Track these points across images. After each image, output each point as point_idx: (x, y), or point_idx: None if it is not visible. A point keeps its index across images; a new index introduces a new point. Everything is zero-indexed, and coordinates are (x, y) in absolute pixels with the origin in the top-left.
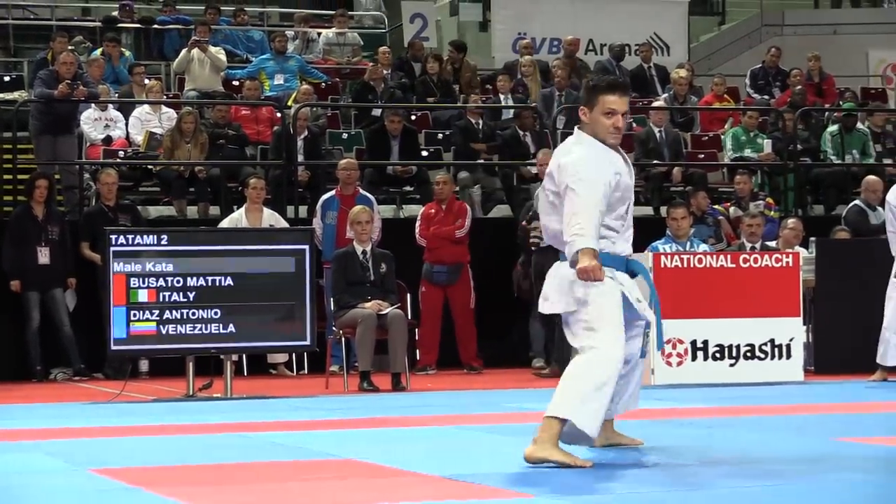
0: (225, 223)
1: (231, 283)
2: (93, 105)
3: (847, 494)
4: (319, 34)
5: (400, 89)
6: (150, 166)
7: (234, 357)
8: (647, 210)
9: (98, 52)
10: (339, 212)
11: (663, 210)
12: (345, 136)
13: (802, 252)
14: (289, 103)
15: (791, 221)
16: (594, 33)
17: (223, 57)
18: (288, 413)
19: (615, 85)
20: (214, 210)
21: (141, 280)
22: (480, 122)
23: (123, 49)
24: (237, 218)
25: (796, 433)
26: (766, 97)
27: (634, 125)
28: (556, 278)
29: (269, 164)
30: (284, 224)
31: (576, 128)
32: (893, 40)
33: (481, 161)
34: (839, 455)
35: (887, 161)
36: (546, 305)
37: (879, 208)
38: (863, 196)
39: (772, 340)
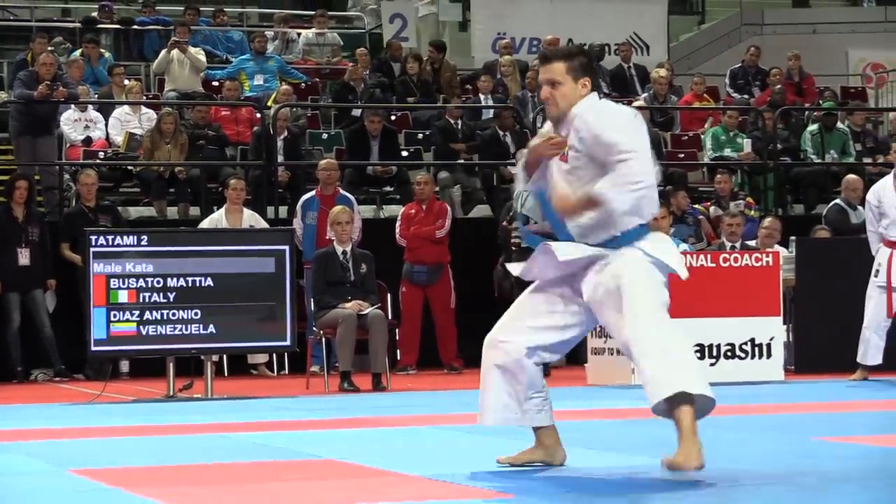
0: (205, 224)
1: (211, 283)
2: (73, 106)
3: (827, 494)
4: (299, 34)
5: (380, 89)
6: (130, 167)
7: (215, 358)
8: None
9: (77, 53)
10: (320, 212)
11: None
12: (325, 136)
13: (782, 251)
14: (269, 104)
15: (767, 221)
16: (574, 33)
17: (203, 58)
18: (269, 413)
19: (540, 56)
20: (195, 211)
21: (121, 281)
22: (460, 122)
23: (103, 50)
24: (217, 218)
25: (777, 433)
26: (745, 96)
27: None
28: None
29: (250, 164)
30: (264, 225)
31: None
32: (873, 39)
33: (461, 161)
34: (819, 454)
35: (867, 160)
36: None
37: (860, 207)
38: (843, 195)
39: (752, 340)
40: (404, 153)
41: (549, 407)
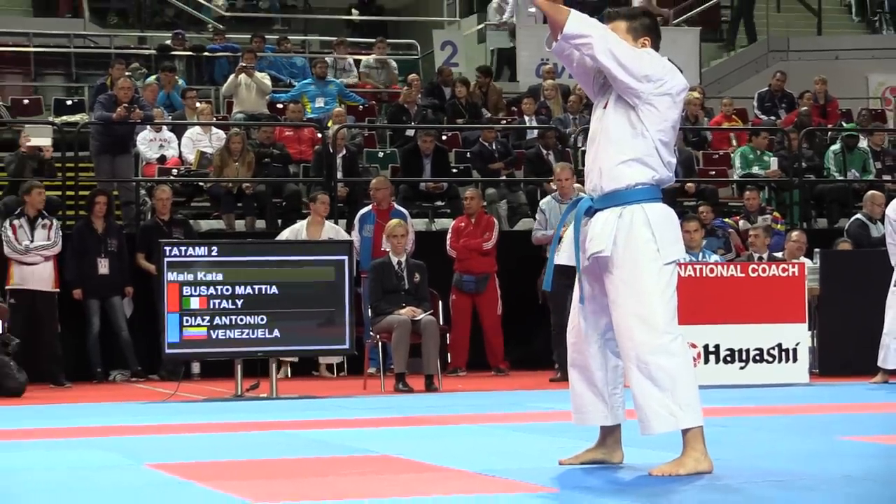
0: (286, 234)
1: (276, 291)
2: (148, 127)
3: (853, 491)
4: (358, 61)
5: (431, 111)
6: (200, 183)
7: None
8: None
9: (153, 78)
10: (376, 225)
11: None
12: (381, 154)
13: (807, 262)
14: (329, 124)
15: (795, 234)
16: None
17: (268, 82)
18: (329, 412)
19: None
20: (260, 223)
21: (193, 288)
22: (494, 143)
23: (177, 77)
24: (298, 229)
25: (803, 432)
26: (772, 118)
27: None
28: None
29: (311, 180)
30: (345, 236)
31: None
32: (891, 64)
33: (507, 178)
34: (844, 453)
35: (886, 177)
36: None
37: (879, 222)
38: (865, 210)
39: (779, 345)
40: (454, 170)
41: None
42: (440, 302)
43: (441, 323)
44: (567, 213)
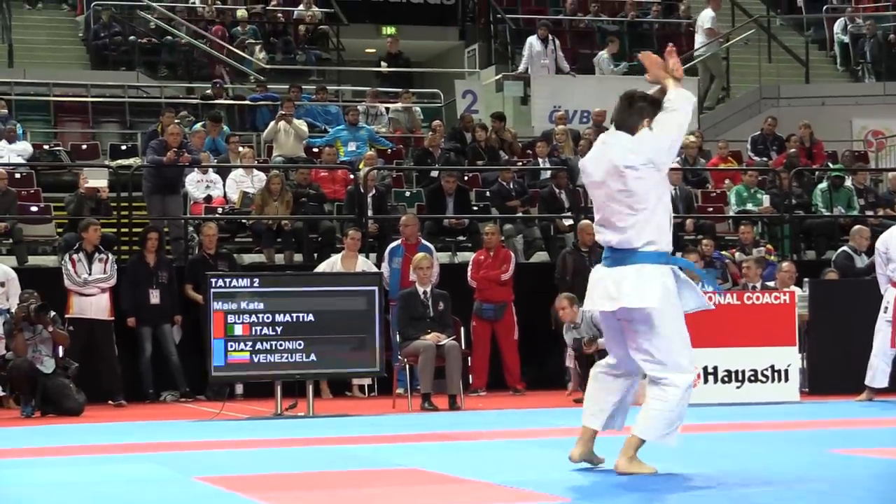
0: (323, 266)
1: (312, 318)
2: (196, 169)
3: (841, 500)
4: (387, 109)
5: (454, 153)
6: (243, 220)
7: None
8: None
9: (200, 125)
10: (404, 258)
11: (679, 255)
12: (407, 194)
13: (797, 291)
14: (360, 166)
15: (785, 265)
16: None
17: (305, 128)
18: (361, 429)
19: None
20: (298, 257)
21: (236, 317)
22: (512, 183)
23: (222, 124)
24: (333, 262)
25: (796, 445)
26: (764, 159)
27: None
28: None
29: (344, 218)
30: (375, 269)
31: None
32: (873, 110)
33: (524, 215)
34: (833, 464)
35: (869, 213)
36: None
37: (864, 254)
38: (851, 242)
39: (772, 366)
40: (475, 208)
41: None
42: (462, 328)
43: (463, 347)
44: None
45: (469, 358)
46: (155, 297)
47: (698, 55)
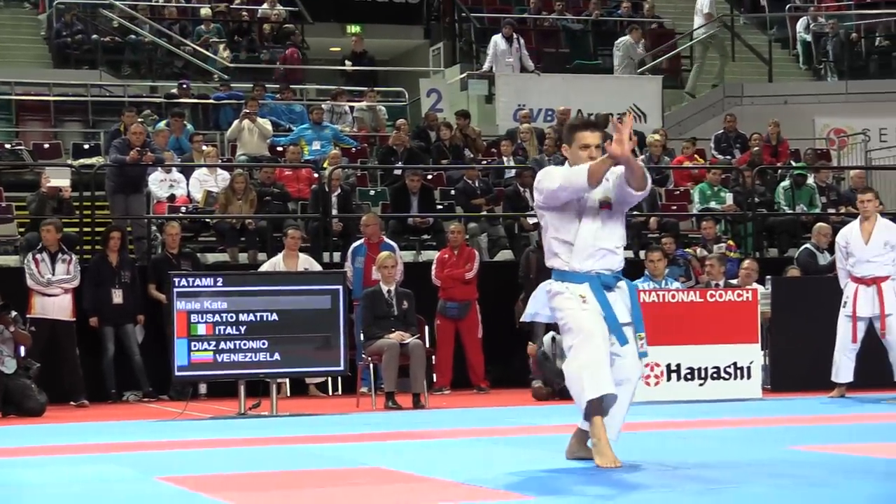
0: (265, 266)
1: (276, 318)
2: (159, 168)
3: (802, 494)
4: (352, 107)
5: (418, 152)
6: (207, 220)
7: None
8: (628, 254)
9: (163, 123)
10: (367, 257)
11: (642, 253)
12: (372, 192)
13: (760, 288)
14: (324, 165)
15: (746, 263)
16: (583, 104)
17: (269, 127)
18: (325, 428)
19: (588, 123)
20: (262, 256)
21: (200, 316)
22: (478, 181)
23: (185, 123)
24: (275, 262)
25: (758, 442)
26: (728, 157)
27: None
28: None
29: (308, 217)
30: (318, 267)
31: None
32: (835, 108)
33: (488, 213)
34: (794, 460)
35: (831, 211)
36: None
37: (826, 251)
38: (813, 240)
39: (734, 363)
40: (439, 206)
41: None
42: (426, 326)
43: (427, 346)
44: None
45: (433, 356)
46: (118, 296)
47: (697, 36)
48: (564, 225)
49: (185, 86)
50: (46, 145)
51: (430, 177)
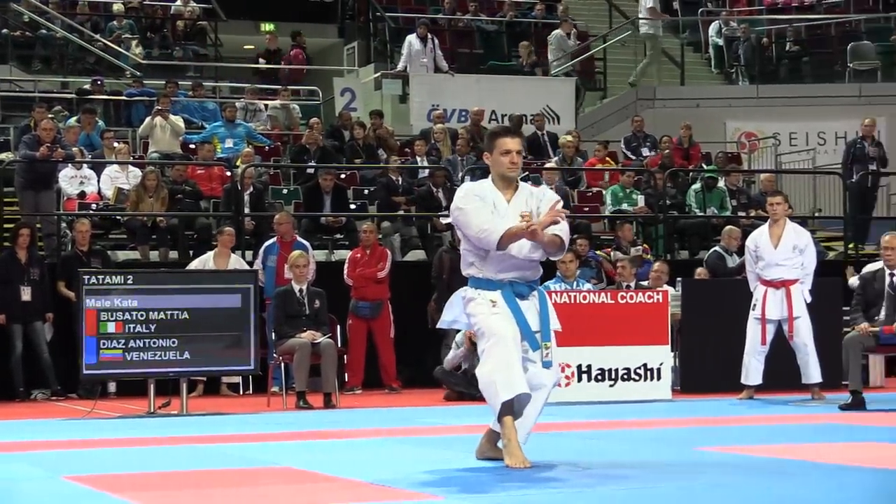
0: (195, 264)
1: (187, 316)
2: (69, 165)
3: (706, 496)
4: (266, 105)
5: (332, 151)
6: (118, 217)
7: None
8: None
9: (73, 119)
10: (279, 256)
11: None
12: (284, 191)
13: (670, 290)
14: (237, 163)
15: (656, 265)
16: (496, 105)
17: (182, 124)
18: (236, 427)
19: (508, 129)
20: (173, 254)
21: (109, 314)
22: (400, 179)
23: (96, 119)
24: (206, 260)
25: (665, 443)
26: (640, 158)
27: (530, 183)
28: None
29: (220, 215)
30: (247, 267)
31: None
32: (746, 112)
33: (401, 213)
34: (700, 462)
35: (742, 214)
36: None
37: (735, 254)
38: (722, 243)
39: (644, 365)
40: (352, 206)
41: None
42: (338, 326)
43: (339, 345)
44: None
45: (345, 356)
46: (26, 294)
47: (643, 33)
48: None
49: (98, 82)
50: None
51: (343, 176)
